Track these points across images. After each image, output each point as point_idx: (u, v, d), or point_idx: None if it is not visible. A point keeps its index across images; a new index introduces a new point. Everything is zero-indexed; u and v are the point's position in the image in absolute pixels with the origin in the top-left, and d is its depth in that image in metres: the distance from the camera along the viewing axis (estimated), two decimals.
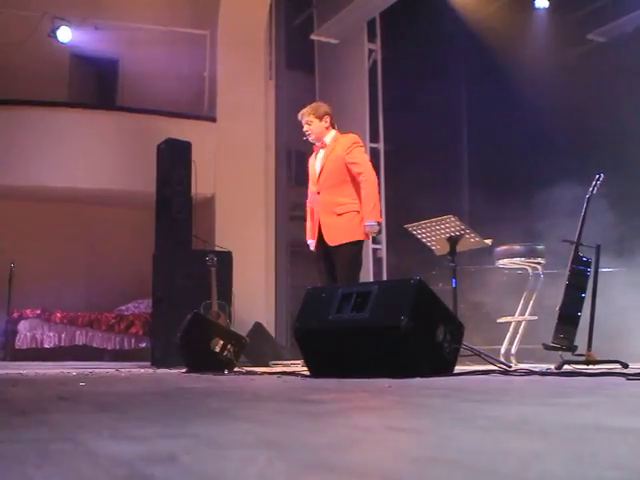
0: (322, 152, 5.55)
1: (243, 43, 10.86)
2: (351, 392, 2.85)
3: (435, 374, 3.75)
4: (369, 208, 5.34)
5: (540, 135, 9.76)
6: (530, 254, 6.18)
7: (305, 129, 5.58)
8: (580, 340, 4.81)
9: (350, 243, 5.33)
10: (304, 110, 5.60)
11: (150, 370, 6.51)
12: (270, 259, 11.10)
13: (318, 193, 5.47)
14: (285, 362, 8.05)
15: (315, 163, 5.60)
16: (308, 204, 5.73)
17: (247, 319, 9.15)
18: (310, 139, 5.62)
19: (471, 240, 5.76)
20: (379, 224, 5.51)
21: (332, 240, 5.39)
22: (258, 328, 9.29)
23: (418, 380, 3.47)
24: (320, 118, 5.52)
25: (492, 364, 4.50)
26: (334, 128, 5.60)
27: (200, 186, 8.88)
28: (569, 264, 4.93)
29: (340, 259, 5.36)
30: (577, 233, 4.99)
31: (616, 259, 6.62)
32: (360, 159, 5.44)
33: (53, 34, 10.58)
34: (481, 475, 0.96)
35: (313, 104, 5.76)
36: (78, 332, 10.15)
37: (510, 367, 4.74)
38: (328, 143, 5.53)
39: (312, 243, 5.58)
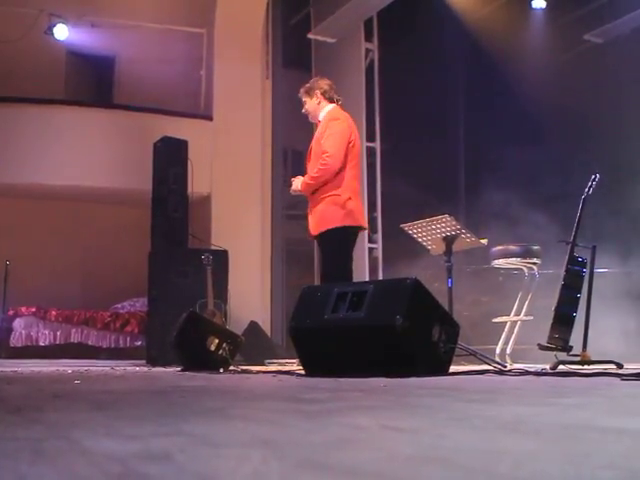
0: None
1: (240, 42, 10.84)
2: (346, 391, 2.85)
3: (430, 374, 3.75)
4: (307, 178, 5.04)
5: (537, 135, 9.78)
6: (526, 254, 6.18)
7: (303, 111, 5.34)
8: (575, 340, 4.82)
9: (329, 231, 5.01)
10: (300, 90, 5.35)
11: (145, 368, 6.50)
12: (266, 258, 11.10)
13: None
14: (280, 361, 8.04)
15: None
16: None
17: (243, 318, 9.14)
18: (310, 119, 5.40)
19: (467, 240, 5.76)
20: (298, 193, 5.21)
21: (313, 228, 5.13)
22: (254, 327, 9.29)
23: (413, 379, 3.47)
24: (311, 96, 5.24)
25: (487, 364, 4.51)
26: (332, 102, 5.24)
27: (196, 185, 8.88)
28: (565, 264, 4.94)
29: (323, 248, 5.09)
30: (573, 233, 5.00)
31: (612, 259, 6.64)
32: (331, 139, 4.99)
33: (50, 31, 10.56)
34: (476, 474, 0.96)
35: (307, 83, 5.41)
36: (73, 330, 10.13)
37: (505, 367, 4.74)
38: (321, 121, 5.22)
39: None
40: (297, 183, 5.20)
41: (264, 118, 11.26)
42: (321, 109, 5.24)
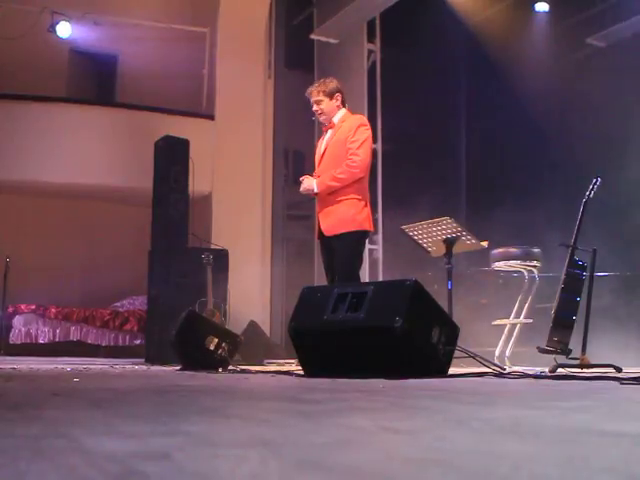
0: (329, 133, 5.21)
1: (242, 41, 10.85)
2: (345, 392, 2.85)
3: (429, 375, 3.75)
4: (328, 179, 5.01)
5: (538, 137, 9.78)
6: (526, 257, 6.17)
7: (315, 109, 5.19)
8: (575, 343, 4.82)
9: (349, 233, 5.01)
10: (312, 88, 5.21)
11: (144, 367, 6.50)
12: (266, 258, 11.10)
13: (318, 177, 5.16)
14: (279, 361, 8.05)
15: (321, 145, 5.27)
16: None
17: (242, 317, 9.15)
18: (321, 119, 5.28)
19: (467, 242, 5.76)
20: (314, 193, 5.15)
21: (329, 230, 5.10)
22: (253, 327, 9.29)
23: (412, 381, 3.47)
24: (331, 96, 5.14)
25: (486, 366, 4.50)
26: (344, 106, 5.23)
27: (197, 184, 8.88)
28: (565, 268, 4.94)
29: (338, 250, 5.07)
30: (573, 237, 5.00)
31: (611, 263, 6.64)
32: (362, 146, 5.01)
33: (52, 29, 10.55)
34: (474, 477, 0.96)
35: (322, 80, 5.31)
36: (73, 328, 10.13)
37: (504, 370, 4.74)
38: (336, 123, 5.17)
39: None
40: (310, 183, 5.14)
41: (266, 118, 11.27)
42: (337, 112, 5.20)
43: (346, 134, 5.08)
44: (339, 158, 5.06)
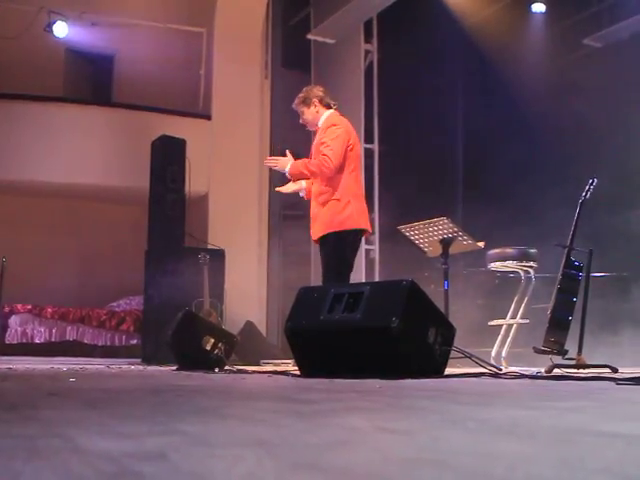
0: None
1: (239, 41, 10.84)
2: (341, 392, 2.85)
3: (426, 376, 3.75)
4: (301, 165, 5.06)
5: (535, 138, 9.78)
6: (522, 257, 6.18)
7: (301, 122, 5.38)
8: (571, 344, 4.82)
9: (329, 234, 5.06)
10: (295, 102, 5.36)
11: (140, 367, 6.50)
12: (262, 258, 11.09)
13: (312, 183, 5.26)
14: (276, 361, 8.05)
15: None
16: None
17: (238, 318, 9.14)
18: (310, 129, 5.44)
19: (464, 243, 5.77)
20: (288, 175, 5.20)
21: (314, 233, 5.19)
22: (249, 327, 9.29)
23: (408, 381, 3.47)
24: (308, 105, 5.26)
25: (483, 367, 4.50)
26: (330, 108, 5.30)
27: (194, 184, 8.88)
28: (561, 268, 4.94)
29: (323, 251, 5.14)
30: (570, 237, 5.00)
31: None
32: (329, 144, 5.06)
33: (49, 29, 10.54)
34: (470, 477, 0.96)
35: (301, 93, 5.40)
36: (69, 328, 10.11)
37: (500, 370, 4.74)
38: (320, 126, 5.27)
39: None
40: (285, 162, 5.14)
41: (262, 118, 11.26)
42: (320, 116, 5.28)
43: (320, 137, 5.19)
44: None
